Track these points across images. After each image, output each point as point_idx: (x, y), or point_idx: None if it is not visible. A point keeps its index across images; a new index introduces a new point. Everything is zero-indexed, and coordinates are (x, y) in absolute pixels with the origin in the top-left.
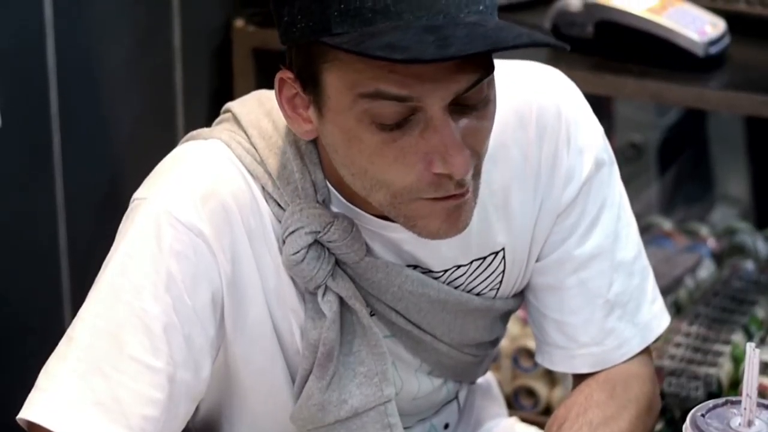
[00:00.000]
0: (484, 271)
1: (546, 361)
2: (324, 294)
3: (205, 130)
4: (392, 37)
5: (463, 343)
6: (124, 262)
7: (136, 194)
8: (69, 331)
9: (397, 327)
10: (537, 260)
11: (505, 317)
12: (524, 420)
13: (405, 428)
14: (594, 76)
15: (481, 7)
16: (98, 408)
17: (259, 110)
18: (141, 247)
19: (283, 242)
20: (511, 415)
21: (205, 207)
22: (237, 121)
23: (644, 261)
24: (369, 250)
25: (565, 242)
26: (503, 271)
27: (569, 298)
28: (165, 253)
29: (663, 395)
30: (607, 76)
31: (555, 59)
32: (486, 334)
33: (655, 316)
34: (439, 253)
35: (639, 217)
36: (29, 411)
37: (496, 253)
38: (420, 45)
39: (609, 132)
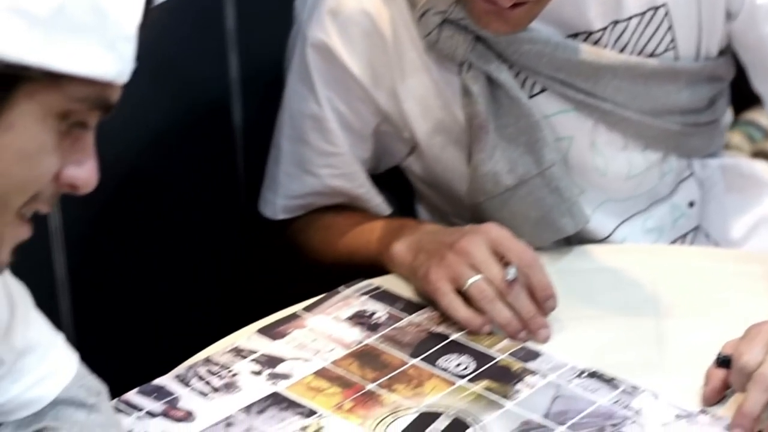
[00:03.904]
0: (646, 27)
1: None
2: (468, 70)
3: None
4: None
5: (657, 110)
6: (290, 85)
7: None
8: (273, 140)
9: (573, 99)
10: (729, 18)
11: (709, 82)
12: None
13: (641, 212)
14: None
15: None
16: (316, 197)
17: None
18: (296, 69)
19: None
20: None
21: (333, 22)
22: None
23: None
24: None
25: None
26: (670, 28)
27: None
28: (308, 68)
29: None
30: None
31: None
32: (683, 99)
33: None
34: (590, 10)
35: None
36: (266, 209)
37: (657, 8)
38: None
39: None
